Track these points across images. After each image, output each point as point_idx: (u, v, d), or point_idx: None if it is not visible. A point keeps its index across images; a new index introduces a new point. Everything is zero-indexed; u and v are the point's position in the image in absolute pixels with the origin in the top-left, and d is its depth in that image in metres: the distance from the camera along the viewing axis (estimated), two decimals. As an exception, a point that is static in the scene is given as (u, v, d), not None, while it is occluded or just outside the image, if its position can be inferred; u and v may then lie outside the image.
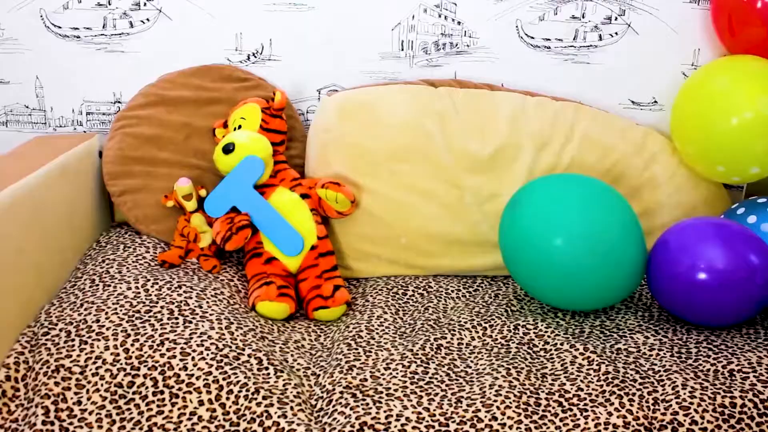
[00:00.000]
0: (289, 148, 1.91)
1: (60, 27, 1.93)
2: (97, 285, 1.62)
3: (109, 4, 1.93)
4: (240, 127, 1.80)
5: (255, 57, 1.98)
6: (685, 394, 1.38)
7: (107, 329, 1.46)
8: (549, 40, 1.99)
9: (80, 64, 1.96)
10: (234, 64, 1.98)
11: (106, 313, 1.51)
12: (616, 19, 1.99)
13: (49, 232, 1.64)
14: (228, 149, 1.73)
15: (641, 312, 1.71)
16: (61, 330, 1.48)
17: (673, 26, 1.99)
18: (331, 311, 1.66)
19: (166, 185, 1.82)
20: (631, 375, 1.45)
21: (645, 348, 1.56)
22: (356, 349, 1.53)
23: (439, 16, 1.96)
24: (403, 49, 1.98)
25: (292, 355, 1.51)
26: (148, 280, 1.62)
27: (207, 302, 1.58)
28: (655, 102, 2.04)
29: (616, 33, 2.00)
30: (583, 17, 1.98)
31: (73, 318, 1.51)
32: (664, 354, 1.54)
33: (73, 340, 1.45)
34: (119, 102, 1.99)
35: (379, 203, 1.81)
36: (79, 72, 1.97)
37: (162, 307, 1.54)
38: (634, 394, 1.39)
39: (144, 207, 1.82)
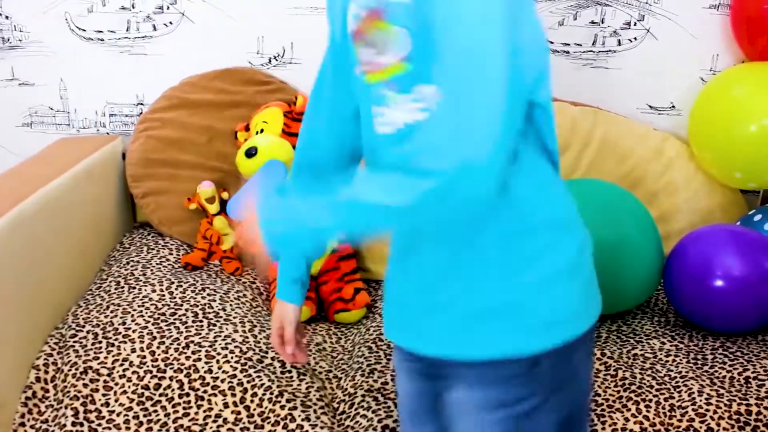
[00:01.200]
0: (310, 151, 1.93)
1: (84, 30, 1.96)
2: (123, 287, 1.65)
3: (133, 8, 1.95)
4: (262, 130, 1.82)
5: (276, 60, 2.00)
6: (701, 400, 1.40)
7: (133, 332, 1.50)
8: (568, 45, 2.00)
9: (104, 67, 1.99)
10: (256, 67, 2.00)
11: (132, 315, 1.54)
12: (635, 24, 2.00)
13: (75, 234, 1.67)
14: (251, 153, 1.75)
15: (657, 317, 1.73)
16: (88, 332, 1.51)
17: (692, 32, 1.99)
18: (352, 314, 1.69)
19: (188, 187, 1.85)
20: (648, 381, 1.47)
21: (661, 354, 1.58)
22: (377, 352, 1.55)
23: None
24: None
25: (314, 358, 1.54)
26: (172, 282, 1.65)
27: (230, 305, 1.61)
28: (673, 107, 2.05)
29: (635, 38, 2.01)
30: (602, 22, 1.99)
31: (99, 320, 1.54)
32: (681, 360, 1.56)
33: (100, 342, 1.48)
34: (142, 104, 2.02)
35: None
36: (103, 74, 1.99)
37: (186, 310, 1.57)
38: (650, 400, 1.41)
39: (167, 209, 1.85)
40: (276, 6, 1.96)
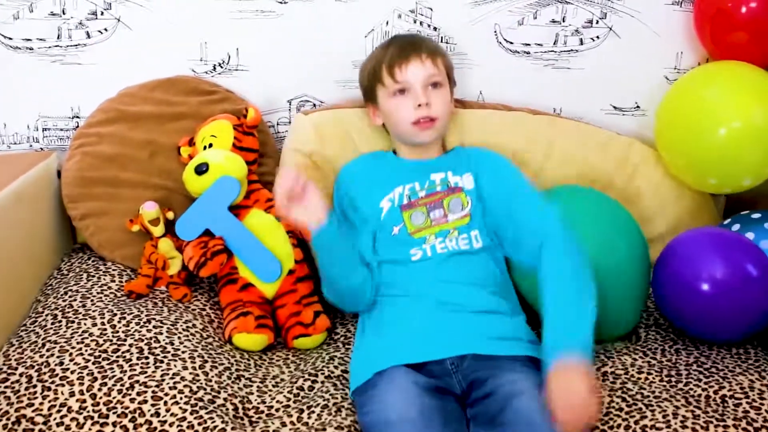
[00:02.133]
0: (260, 164, 1.81)
1: (11, 39, 1.81)
2: (60, 321, 1.52)
3: (64, 14, 1.81)
4: (211, 145, 1.70)
5: (221, 67, 1.88)
6: (676, 423, 1.34)
7: (72, 372, 1.37)
8: (528, 45, 1.92)
9: (34, 78, 1.84)
10: (199, 76, 1.87)
11: (71, 354, 1.42)
12: (597, 22, 1.92)
13: (6, 264, 1.54)
14: (201, 170, 1.63)
15: (644, 328, 1.67)
16: (21, 375, 1.38)
17: (656, 29, 1.93)
18: (313, 339, 1.59)
19: (130, 207, 1.72)
20: (617, 403, 1.40)
21: (633, 370, 1.52)
22: (342, 389, 1.45)
23: (414, 21, 1.87)
24: (377, 57, 1.89)
25: (270, 395, 1.44)
26: (115, 314, 1.53)
27: (179, 337, 1.50)
28: (638, 107, 1.99)
29: (598, 37, 1.93)
30: (563, 21, 1.91)
31: (34, 361, 1.41)
32: (654, 378, 1.49)
33: (34, 386, 1.35)
34: (78, 117, 1.88)
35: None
36: (34, 86, 1.84)
37: (131, 345, 1.45)
38: (619, 426, 1.34)
39: (108, 231, 1.72)
40: (219, 10, 1.83)
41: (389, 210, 1.52)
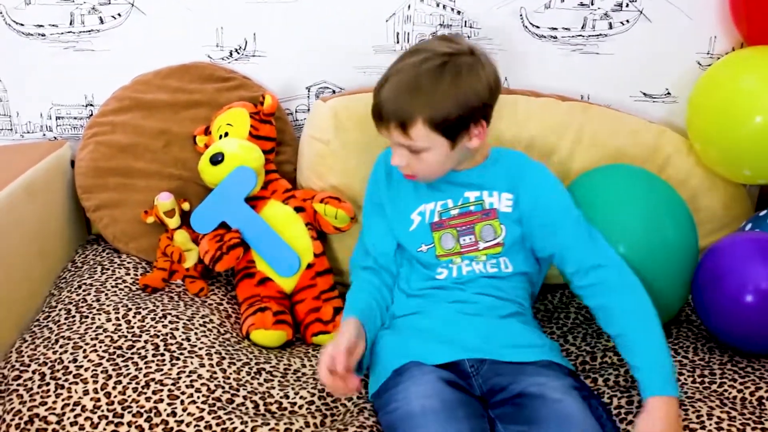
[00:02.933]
0: (278, 153, 1.76)
1: (22, 24, 1.76)
2: (74, 316, 1.48)
3: (76, -1, 1.76)
4: (227, 134, 1.65)
5: (238, 53, 1.82)
6: (711, 425, 1.28)
7: (86, 370, 1.34)
8: (555, 29, 1.84)
9: (47, 65, 1.79)
10: (215, 62, 1.82)
11: (84, 350, 1.38)
12: (627, 5, 1.84)
13: (17, 259, 1.50)
14: (216, 160, 1.58)
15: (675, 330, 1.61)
16: (34, 372, 1.35)
17: (688, 12, 1.85)
18: (332, 336, 1.54)
19: (145, 198, 1.67)
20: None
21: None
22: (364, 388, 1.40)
23: (437, 5, 1.81)
24: (398, 42, 1.83)
25: (293, 388, 1.39)
26: (130, 309, 1.49)
27: (195, 333, 1.46)
28: (669, 94, 1.91)
29: (627, 21, 1.85)
30: (592, 4, 1.84)
31: (47, 357, 1.38)
32: (686, 379, 1.44)
33: (48, 384, 1.32)
34: (91, 105, 1.83)
35: (378, 217, 1.68)
36: (47, 73, 1.80)
37: (146, 342, 1.41)
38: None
39: (122, 223, 1.68)
40: (235, -6, 1.77)
41: (419, 225, 1.41)
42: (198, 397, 1.30)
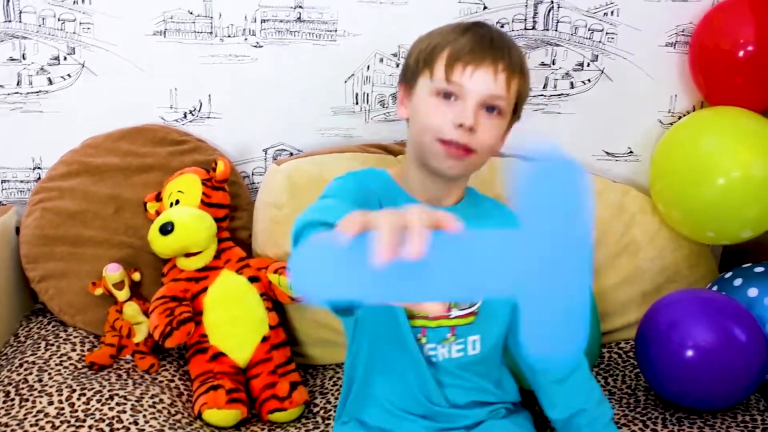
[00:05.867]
0: (234, 218, 1.70)
1: (-34, 86, 1.70)
2: (13, 399, 1.40)
3: (24, 59, 1.70)
4: (178, 201, 1.59)
5: (192, 115, 1.77)
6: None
7: (24, 462, 1.25)
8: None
9: (-8, 127, 1.72)
10: (169, 124, 1.76)
11: (23, 439, 1.30)
12: (588, 65, 1.83)
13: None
14: (166, 229, 1.52)
15: (626, 399, 1.57)
16: (-33, 465, 1.26)
17: (649, 72, 1.84)
18: (288, 413, 1.47)
19: (93, 268, 1.60)
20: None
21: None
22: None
23: (397, 65, 1.78)
24: (357, 103, 1.79)
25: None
26: (74, 390, 1.41)
27: (144, 416, 1.38)
28: (631, 152, 1.90)
29: (589, 80, 1.84)
30: (553, 64, 1.82)
31: (-18, 448, 1.29)
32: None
33: (-19, 479, 1.23)
34: (39, 168, 1.76)
35: (337, 286, 1.62)
36: (-9, 135, 1.73)
37: (90, 427, 1.33)
38: None
39: (68, 294, 1.60)
40: (190, 55, 1.72)
41: None
42: (144, 490, 1.23)
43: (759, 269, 1.64)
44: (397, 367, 1.18)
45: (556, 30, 1.80)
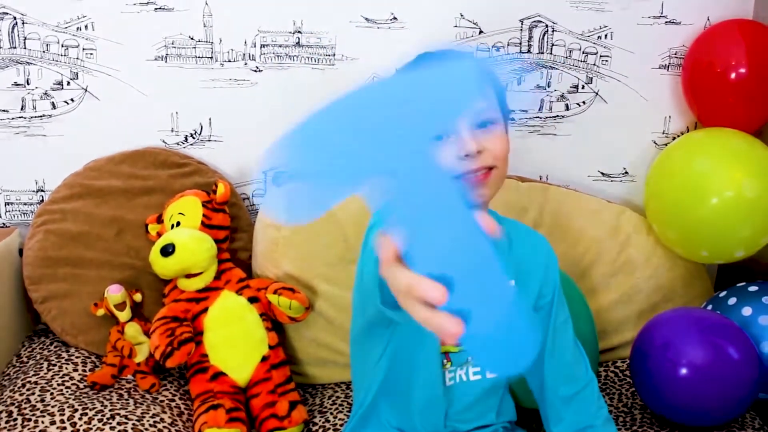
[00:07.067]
0: (234, 239, 1.73)
1: (-29, 111, 1.73)
2: (16, 419, 1.41)
3: (28, 84, 1.73)
4: (179, 223, 1.61)
5: (193, 138, 1.80)
6: None
7: (26, 481, 1.27)
8: (513, 111, 1.85)
9: (-4, 151, 1.75)
10: (170, 147, 1.79)
11: (25, 459, 1.31)
12: (583, 87, 1.86)
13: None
14: (167, 251, 1.54)
15: (623, 417, 1.58)
16: (-30, 485, 1.28)
17: (643, 93, 1.87)
18: (291, 432, 1.49)
19: (95, 289, 1.62)
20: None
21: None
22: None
23: (395, 88, 1.81)
24: (356, 125, 1.82)
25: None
26: (76, 410, 1.42)
27: (144, 436, 1.40)
28: (626, 173, 1.92)
29: (584, 102, 1.87)
30: (548, 86, 1.85)
31: (-15, 468, 1.31)
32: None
33: (-16, 499, 1.25)
34: (42, 191, 1.79)
35: (335, 307, 1.64)
36: (-5, 159, 1.76)
37: (91, 447, 1.35)
38: None
39: (71, 315, 1.62)
40: (191, 79, 1.76)
41: None
42: None
43: (753, 288, 1.65)
44: (409, 391, 1.18)
45: (550, 53, 1.83)
